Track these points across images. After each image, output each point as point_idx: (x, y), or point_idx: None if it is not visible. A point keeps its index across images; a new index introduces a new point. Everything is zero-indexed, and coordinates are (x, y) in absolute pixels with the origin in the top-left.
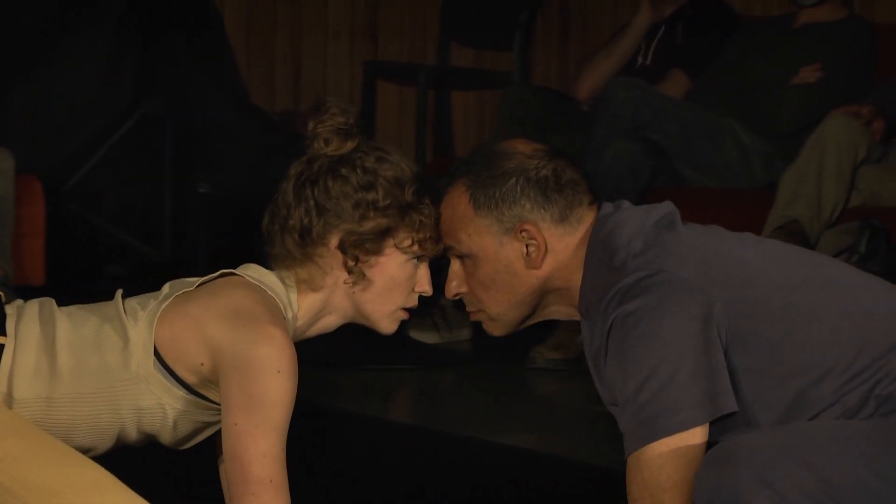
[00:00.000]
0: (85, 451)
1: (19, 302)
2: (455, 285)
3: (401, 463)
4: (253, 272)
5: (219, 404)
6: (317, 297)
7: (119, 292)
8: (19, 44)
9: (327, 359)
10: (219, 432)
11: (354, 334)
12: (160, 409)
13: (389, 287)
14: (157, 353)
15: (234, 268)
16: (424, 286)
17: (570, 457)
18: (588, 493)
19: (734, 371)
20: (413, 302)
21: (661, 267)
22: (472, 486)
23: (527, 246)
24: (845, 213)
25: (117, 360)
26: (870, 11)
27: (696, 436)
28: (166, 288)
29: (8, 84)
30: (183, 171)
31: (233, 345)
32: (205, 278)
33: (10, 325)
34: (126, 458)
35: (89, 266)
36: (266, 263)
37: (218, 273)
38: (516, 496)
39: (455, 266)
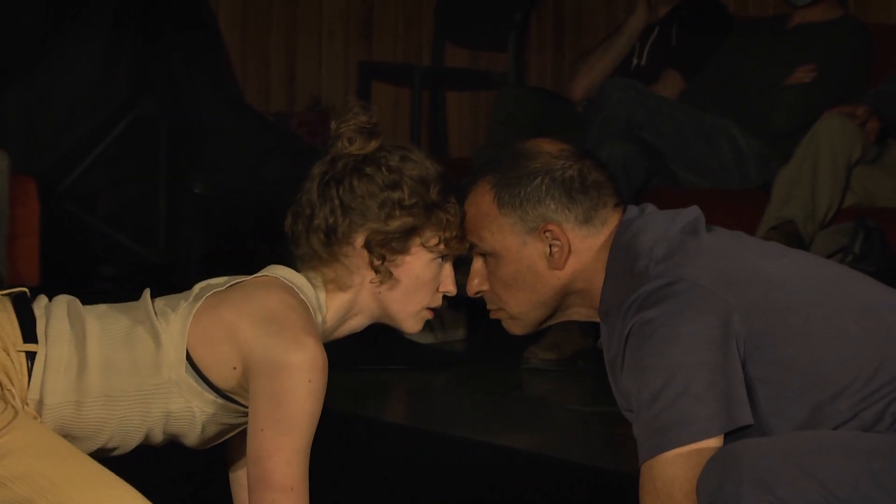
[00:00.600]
0: (110, 451)
1: (45, 301)
2: (476, 283)
3: (394, 463)
4: (283, 273)
5: (248, 408)
6: (344, 298)
7: (147, 292)
8: (14, 44)
9: None
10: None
11: (348, 334)
12: (189, 412)
13: (415, 286)
14: (188, 357)
15: (234, 269)
16: (449, 286)
17: (564, 457)
18: (582, 494)
19: (751, 382)
20: (438, 302)
21: (682, 275)
22: (466, 486)
23: (550, 246)
24: (840, 214)
25: (148, 364)
26: (864, 12)
27: (711, 447)
28: (196, 289)
29: (3, 84)
30: (178, 171)
31: (265, 351)
32: (236, 279)
33: (39, 330)
34: (136, 461)
35: (84, 266)
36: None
37: (252, 276)
38: (510, 496)
39: (477, 264)
